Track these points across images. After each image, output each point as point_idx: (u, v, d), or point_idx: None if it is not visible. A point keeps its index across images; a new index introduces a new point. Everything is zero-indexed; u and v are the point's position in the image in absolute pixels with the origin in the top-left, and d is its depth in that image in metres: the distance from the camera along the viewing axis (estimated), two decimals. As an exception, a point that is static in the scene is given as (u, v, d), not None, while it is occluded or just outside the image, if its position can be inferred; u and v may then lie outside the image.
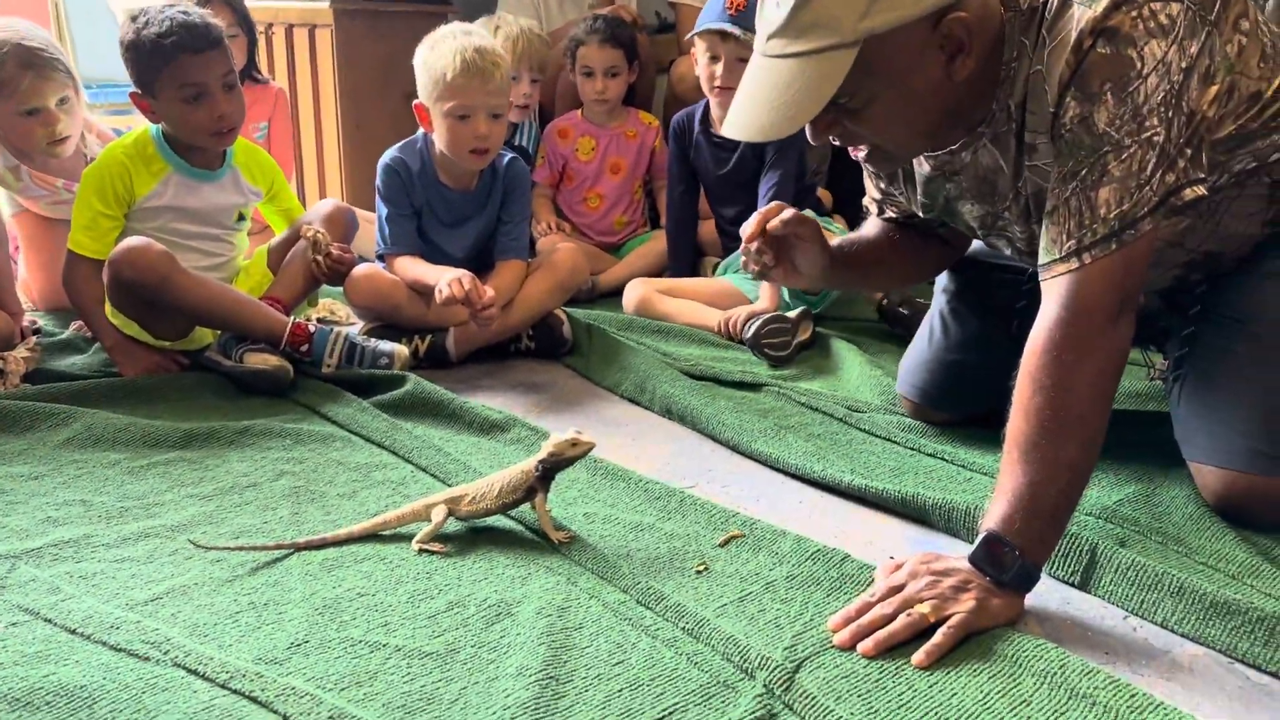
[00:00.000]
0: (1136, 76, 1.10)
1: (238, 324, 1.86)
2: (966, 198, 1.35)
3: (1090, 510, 1.34)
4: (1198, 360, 1.37)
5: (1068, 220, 1.13)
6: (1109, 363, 1.12)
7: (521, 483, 1.29)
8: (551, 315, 2.13)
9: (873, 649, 1.03)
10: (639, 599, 1.15)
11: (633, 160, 2.82)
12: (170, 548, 1.27)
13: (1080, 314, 1.11)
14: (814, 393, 1.84)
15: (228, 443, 1.60)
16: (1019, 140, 1.22)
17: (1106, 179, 1.11)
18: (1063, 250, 1.14)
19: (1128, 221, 1.11)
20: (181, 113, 1.89)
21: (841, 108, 1.16)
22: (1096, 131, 1.11)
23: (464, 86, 1.98)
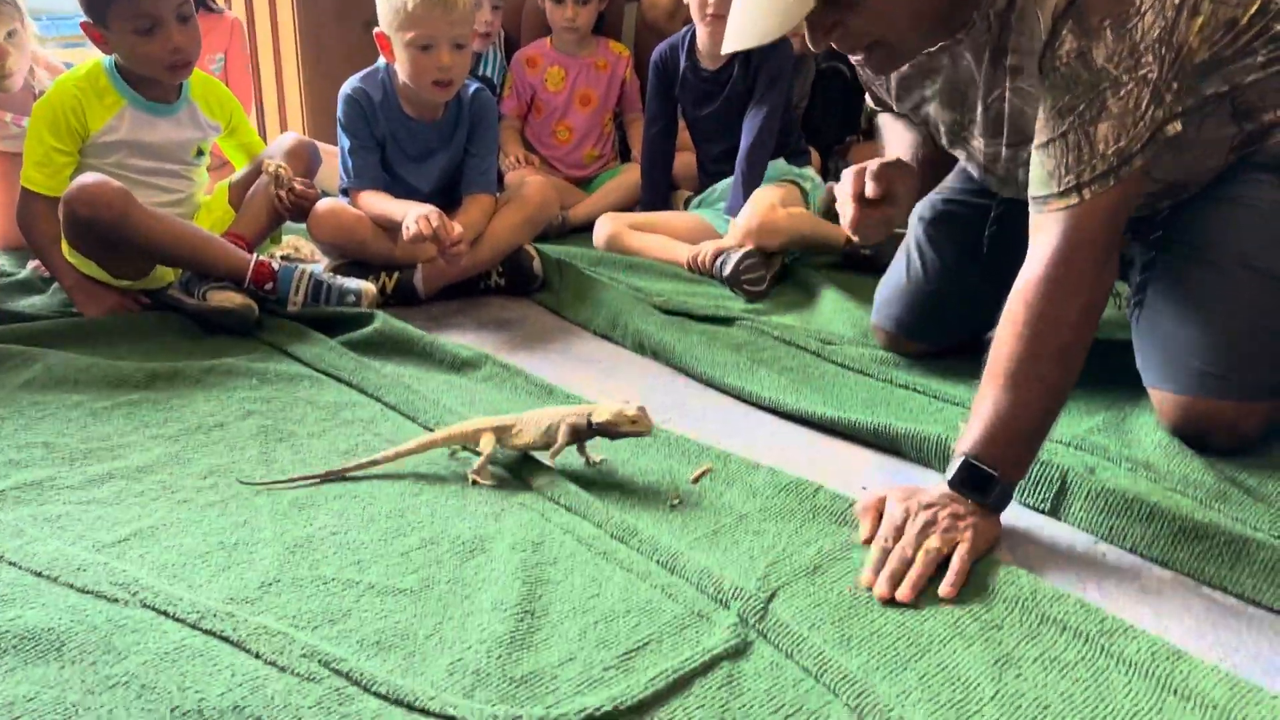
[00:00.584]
0: (1135, 13, 1.09)
1: (200, 262, 1.81)
2: (938, 101, 1.35)
3: (1060, 438, 1.35)
4: (1156, 286, 1.38)
5: (1065, 155, 1.13)
6: (1098, 297, 1.14)
7: (561, 428, 1.27)
8: (521, 251, 2.10)
9: (911, 594, 1.02)
10: (613, 533, 1.15)
11: (603, 91, 2.77)
12: (137, 489, 1.26)
13: (1078, 249, 1.12)
14: (787, 326, 1.83)
15: (193, 382, 1.57)
16: (995, 56, 1.21)
17: (1105, 115, 1.11)
18: (1061, 185, 1.14)
19: (1125, 157, 1.12)
20: (134, 45, 1.83)
21: (838, 4, 1.13)
22: (1095, 67, 1.11)
23: (425, 16, 1.92)
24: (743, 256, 2.06)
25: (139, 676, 0.91)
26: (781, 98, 2.34)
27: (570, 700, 0.88)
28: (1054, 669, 0.93)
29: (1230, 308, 1.30)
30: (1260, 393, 1.29)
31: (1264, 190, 1.31)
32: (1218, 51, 1.24)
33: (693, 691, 0.90)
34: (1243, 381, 1.28)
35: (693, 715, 0.87)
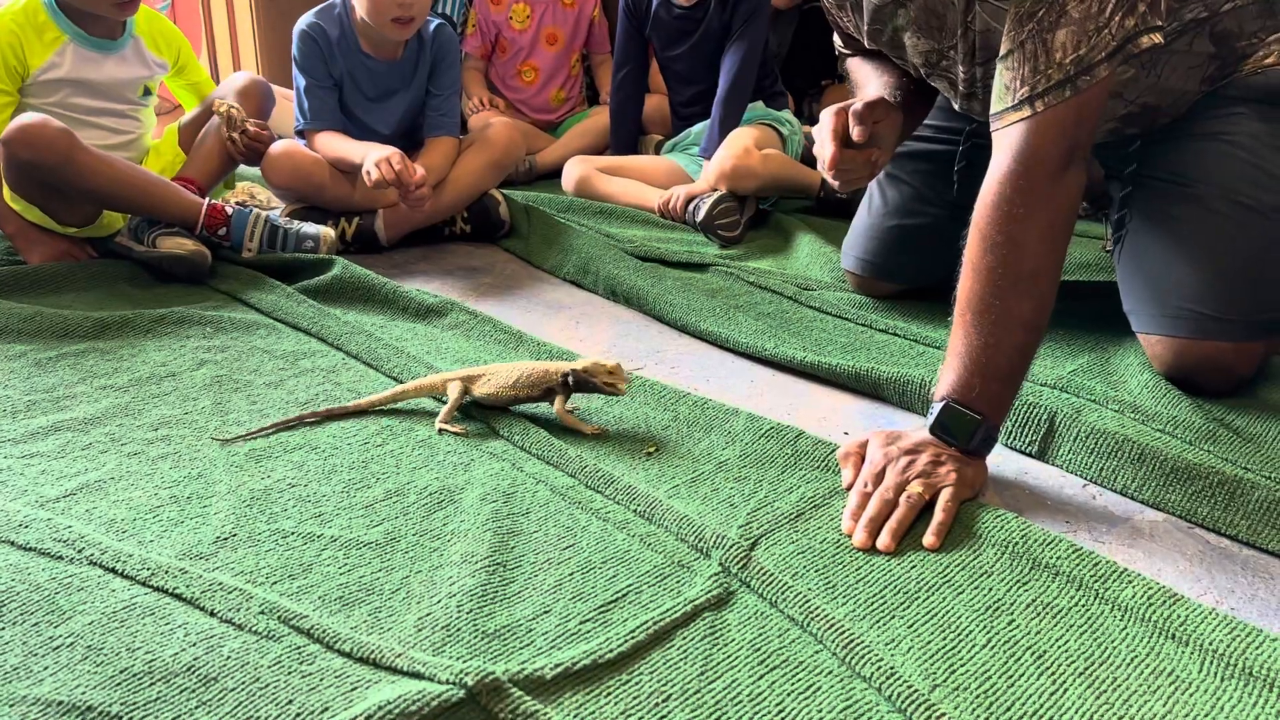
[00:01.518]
0: None
1: (149, 206, 1.73)
2: (914, 29, 1.28)
3: (1045, 380, 1.31)
4: (1137, 224, 1.33)
5: (1022, 65, 1.07)
6: (1060, 214, 1.07)
7: (541, 381, 1.23)
8: (487, 196, 2.03)
9: (891, 543, 0.98)
10: (588, 482, 1.10)
11: (570, 30, 2.67)
12: (83, 441, 1.19)
13: (1032, 165, 1.06)
14: (762, 271, 1.79)
15: (143, 332, 1.50)
16: None
17: (1064, 20, 1.05)
18: (1015, 98, 1.07)
19: (1083, 66, 1.05)
20: None
21: None
22: None
23: None
24: (716, 201, 2.00)
25: (84, 637, 0.85)
26: (761, 36, 2.27)
27: (546, 654, 0.84)
28: (1047, 615, 0.90)
29: (1220, 245, 1.25)
30: (1256, 332, 1.26)
31: (1242, 123, 1.27)
32: None
33: (674, 643, 0.86)
34: (1238, 322, 1.25)
35: (675, 668, 0.83)
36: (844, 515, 1.03)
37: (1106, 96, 1.09)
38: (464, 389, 1.24)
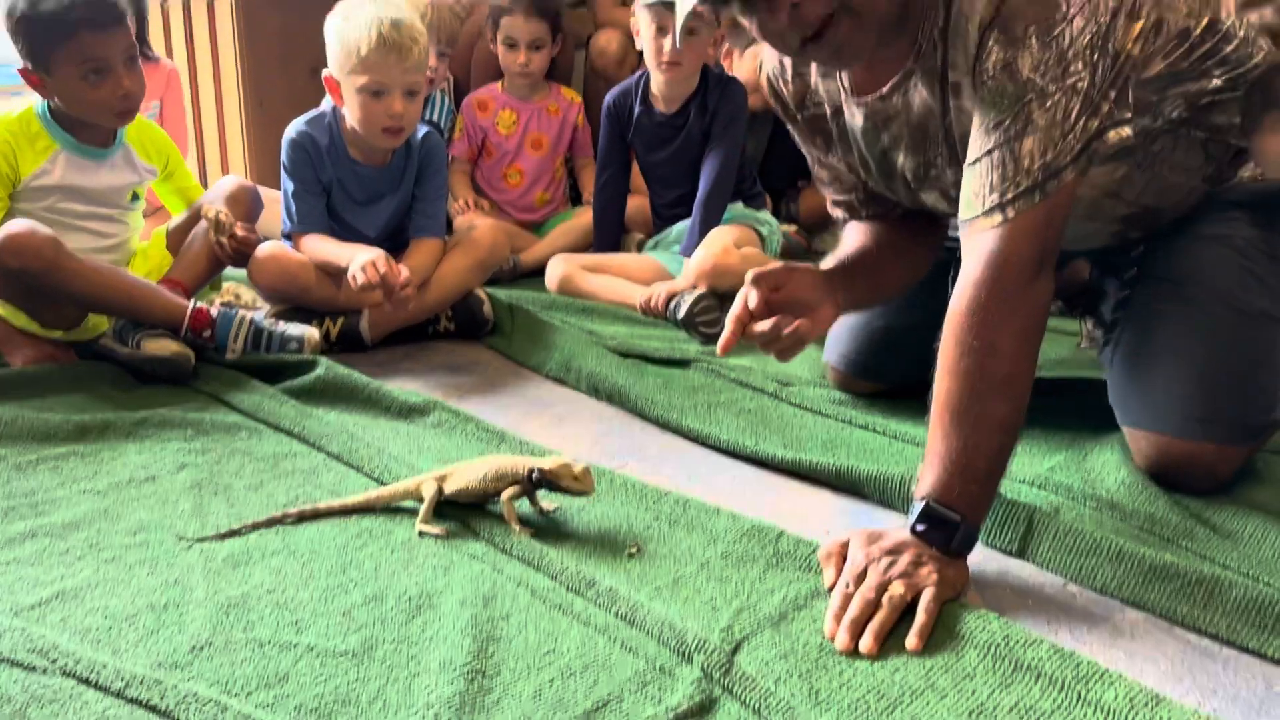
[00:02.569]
0: (1062, 19, 1.06)
1: (134, 309, 1.74)
2: (901, 148, 1.30)
3: (1024, 478, 1.32)
4: (1133, 323, 1.35)
5: (990, 173, 1.09)
6: (1033, 318, 1.09)
7: (507, 475, 1.23)
8: (471, 295, 2.05)
9: (874, 645, 0.97)
10: (569, 585, 1.10)
11: (555, 135, 2.75)
12: (61, 547, 1.18)
13: (1004, 270, 1.08)
14: (743, 368, 1.80)
15: (124, 434, 1.49)
16: (943, 78, 1.18)
17: (1031, 129, 1.08)
18: (986, 205, 1.10)
19: (1051, 171, 1.08)
20: (80, 90, 1.77)
21: None
22: (1020, 79, 1.07)
23: (379, 63, 1.89)
24: (697, 298, 2.03)
25: (54, 753, 0.83)
26: (739, 140, 2.33)
27: (525, 766, 0.83)
28: (1030, 719, 0.89)
29: (1211, 347, 1.27)
30: (1239, 436, 1.27)
31: (1239, 227, 1.30)
32: (1173, 64, 1.21)
33: (655, 753, 0.85)
34: (1223, 424, 1.26)
35: (656, 779, 0.82)
36: (826, 616, 1.03)
37: (1073, 198, 1.12)
38: (439, 489, 1.24)
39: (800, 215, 2.82)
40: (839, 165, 1.44)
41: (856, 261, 1.41)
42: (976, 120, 1.12)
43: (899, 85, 1.23)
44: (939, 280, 1.50)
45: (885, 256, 1.42)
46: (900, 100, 1.24)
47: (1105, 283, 1.44)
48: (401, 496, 1.27)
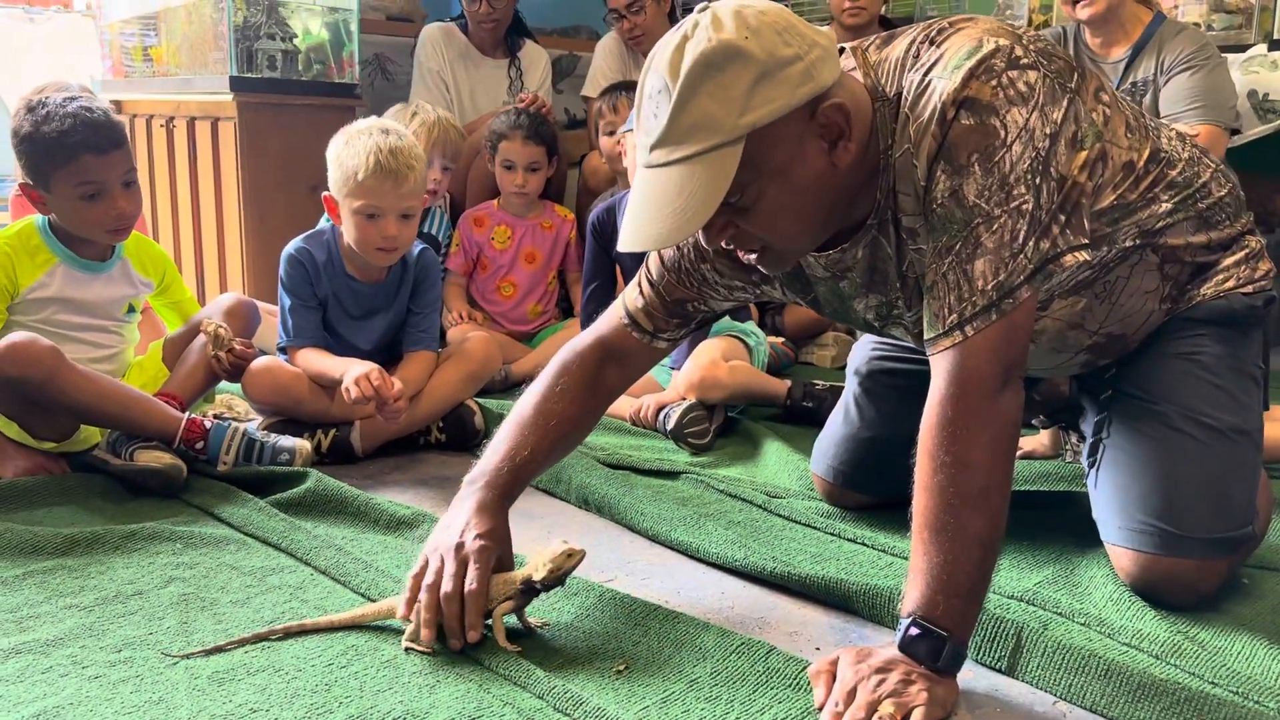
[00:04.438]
0: (1001, 145, 1.11)
1: (128, 421, 1.76)
2: (860, 293, 1.33)
3: (1012, 592, 1.33)
4: (1109, 443, 1.38)
5: (947, 295, 1.13)
6: (1002, 431, 1.11)
7: (500, 592, 1.22)
8: (463, 406, 2.08)
9: None
10: (556, 705, 1.09)
11: (548, 250, 2.81)
12: (44, 664, 1.17)
13: (967, 387, 1.10)
14: (732, 479, 1.82)
15: (113, 548, 1.49)
16: (896, 226, 1.22)
17: (980, 251, 1.11)
18: (945, 325, 1.13)
19: (1005, 291, 1.11)
20: (77, 209, 1.82)
21: (733, 208, 1.15)
22: (967, 204, 1.11)
23: (375, 188, 1.95)
24: (686, 409, 2.06)
25: None
26: None
27: None
28: (1023, 842, 0.88)
29: (1183, 463, 1.30)
30: (1215, 550, 1.28)
31: (1205, 344, 1.34)
32: (1122, 195, 1.26)
33: None
34: (1199, 540, 1.27)
35: None
36: None
37: (1033, 315, 1.15)
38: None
39: (786, 327, 2.87)
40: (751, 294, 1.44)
41: (524, 464, 1.37)
42: (930, 247, 1.16)
43: (858, 240, 1.26)
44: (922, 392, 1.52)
45: (550, 445, 1.39)
46: (861, 251, 1.28)
47: (1082, 399, 1.47)
48: (387, 614, 1.26)
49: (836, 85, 1.14)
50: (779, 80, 1.09)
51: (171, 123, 3.01)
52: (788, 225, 1.19)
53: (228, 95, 2.82)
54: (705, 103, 1.08)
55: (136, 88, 3.13)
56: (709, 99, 1.08)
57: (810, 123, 1.13)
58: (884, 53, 1.21)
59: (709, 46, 1.08)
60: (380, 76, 3.65)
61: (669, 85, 1.10)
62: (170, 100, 3.03)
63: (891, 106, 1.17)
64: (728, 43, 1.08)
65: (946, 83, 1.12)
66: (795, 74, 1.10)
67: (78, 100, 1.81)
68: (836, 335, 2.86)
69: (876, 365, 1.63)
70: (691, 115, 1.09)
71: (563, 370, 1.41)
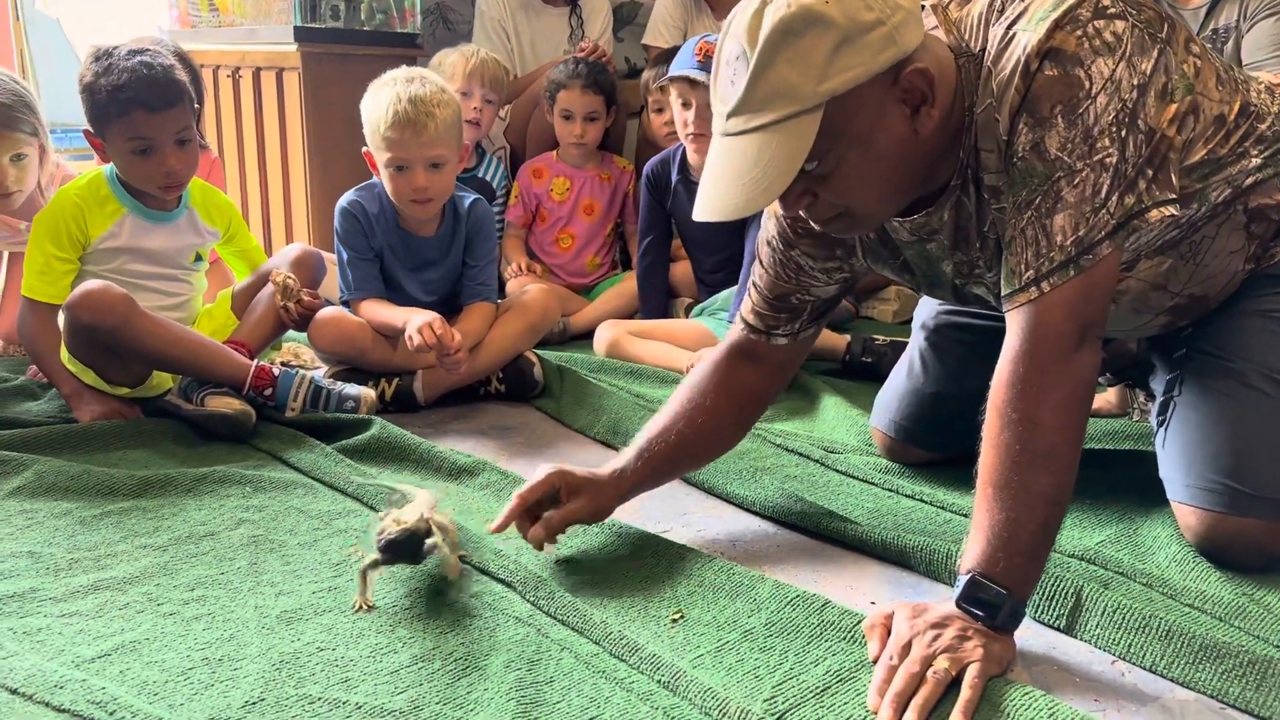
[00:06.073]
0: (1085, 97, 1.08)
1: (200, 367, 1.80)
2: (947, 254, 1.31)
3: (1073, 552, 1.31)
4: (1181, 401, 1.35)
5: (1025, 250, 1.11)
6: (1075, 392, 1.09)
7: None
8: (522, 357, 2.09)
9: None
10: (612, 651, 1.11)
11: (606, 202, 2.81)
12: (121, 601, 1.22)
13: (1041, 345, 1.09)
14: (789, 433, 1.81)
15: (185, 490, 1.54)
16: (978, 185, 1.20)
17: (1060, 205, 1.09)
18: (1022, 280, 1.11)
19: (1085, 247, 1.08)
20: (130, 162, 1.86)
21: (811, 175, 1.13)
22: (1049, 157, 1.09)
23: (397, 139, 1.95)
24: (744, 364, 2.05)
25: (110, 804, 0.86)
26: None
27: (566, 832, 0.83)
28: (1077, 799, 0.88)
29: (1257, 421, 1.27)
30: None
31: None
32: (1213, 150, 1.22)
33: (696, 823, 0.85)
34: (1271, 500, 1.25)
35: None
36: (870, 689, 1.02)
37: (1116, 273, 1.13)
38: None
39: (849, 281, 2.83)
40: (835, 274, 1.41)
41: (660, 449, 1.39)
42: (1010, 201, 1.13)
43: (944, 202, 1.24)
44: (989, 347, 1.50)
45: (694, 436, 1.41)
46: (947, 213, 1.25)
47: (1153, 357, 1.43)
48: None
49: (920, 49, 1.11)
50: (860, 46, 1.07)
51: (237, 73, 3.05)
52: (867, 192, 1.17)
53: (292, 45, 2.85)
54: (784, 70, 1.07)
55: (202, 38, 3.17)
56: (787, 66, 1.07)
57: (892, 88, 1.11)
58: (966, 9, 1.18)
59: (788, 12, 1.06)
60: (442, 26, 3.65)
61: (746, 52, 1.08)
62: (235, 50, 3.06)
63: (975, 62, 1.15)
64: (807, 8, 1.06)
65: (1031, 35, 1.09)
66: (877, 39, 1.07)
67: (142, 55, 1.83)
68: (899, 289, 2.82)
69: (944, 320, 1.60)
70: (769, 83, 1.07)
71: (698, 372, 1.45)
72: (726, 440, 1.48)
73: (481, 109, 2.72)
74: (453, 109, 2.01)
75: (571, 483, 1.32)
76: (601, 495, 1.34)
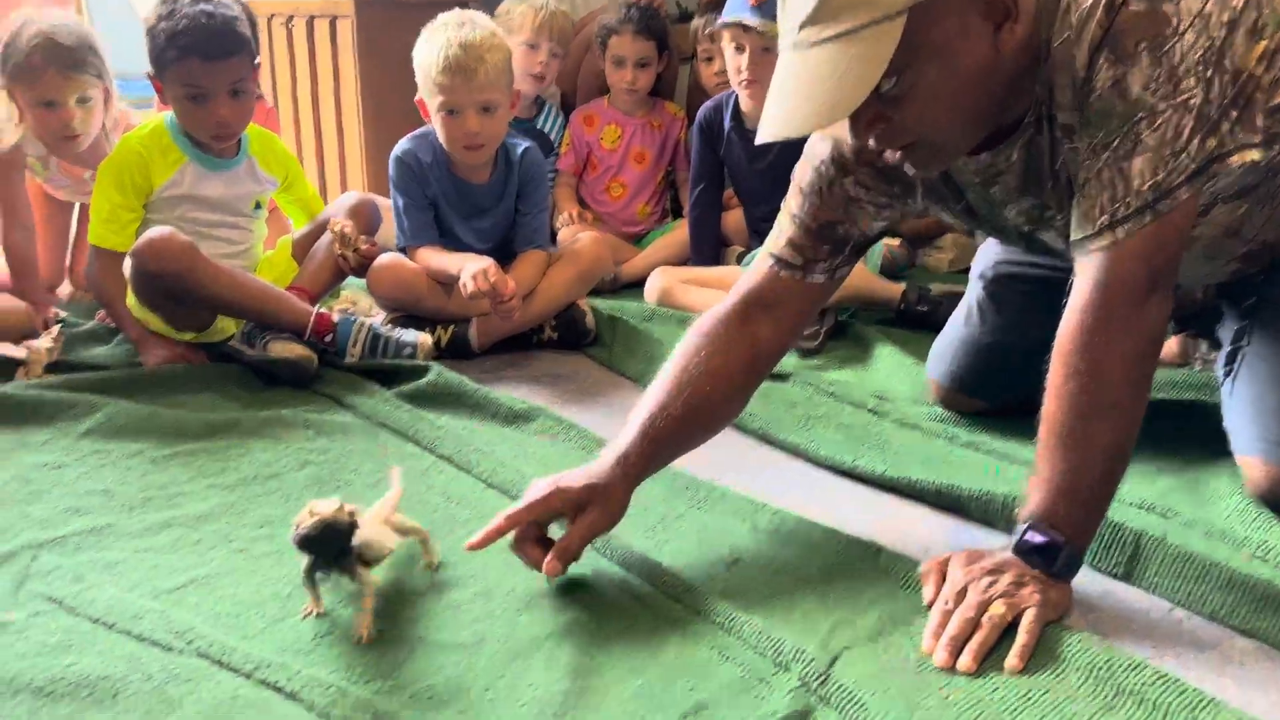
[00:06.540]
0: (1173, 34, 1.04)
1: (262, 313, 1.84)
2: (1013, 198, 1.26)
3: (1131, 500, 1.30)
4: (1251, 352, 1.32)
5: (1100, 194, 1.07)
6: (1144, 343, 1.07)
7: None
8: (574, 306, 2.11)
9: (973, 664, 0.98)
10: (668, 592, 1.13)
11: (657, 150, 2.79)
12: (194, 537, 1.26)
13: (1113, 293, 1.06)
14: (842, 383, 1.81)
15: (250, 433, 1.58)
16: (1051, 123, 1.16)
17: (1140, 148, 1.05)
18: (1095, 225, 1.08)
19: (1163, 192, 1.05)
20: (184, 108, 1.89)
21: (884, 97, 1.08)
22: (1130, 97, 1.05)
23: (448, 84, 1.96)
24: (796, 313, 2.04)
25: (192, 727, 0.90)
26: None
27: (627, 763, 0.86)
28: (1133, 743, 0.89)
29: None
30: None
31: None
32: None
33: (753, 757, 0.87)
34: None
35: (753, 782, 0.84)
36: (925, 633, 1.03)
37: (1191, 220, 1.10)
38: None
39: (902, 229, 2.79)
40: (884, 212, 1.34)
41: (665, 425, 1.23)
42: (1085, 142, 1.10)
43: (1015, 140, 1.20)
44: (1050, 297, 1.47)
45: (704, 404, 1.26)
46: (1017, 153, 1.21)
47: (1222, 305, 1.40)
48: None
49: None
50: None
51: (290, 22, 3.06)
52: (944, 115, 1.11)
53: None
54: None
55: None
56: None
57: (975, 0, 1.07)
58: None
59: None
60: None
61: None
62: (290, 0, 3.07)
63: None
64: None
65: None
66: None
67: (206, 4, 1.85)
68: (955, 238, 2.77)
69: (1004, 269, 1.58)
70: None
71: (697, 332, 1.29)
72: (734, 407, 1.33)
73: (547, 63, 2.71)
74: (503, 53, 2.02)
75: (572, 497, 1.14)
76: (612, 497, 1.15)
